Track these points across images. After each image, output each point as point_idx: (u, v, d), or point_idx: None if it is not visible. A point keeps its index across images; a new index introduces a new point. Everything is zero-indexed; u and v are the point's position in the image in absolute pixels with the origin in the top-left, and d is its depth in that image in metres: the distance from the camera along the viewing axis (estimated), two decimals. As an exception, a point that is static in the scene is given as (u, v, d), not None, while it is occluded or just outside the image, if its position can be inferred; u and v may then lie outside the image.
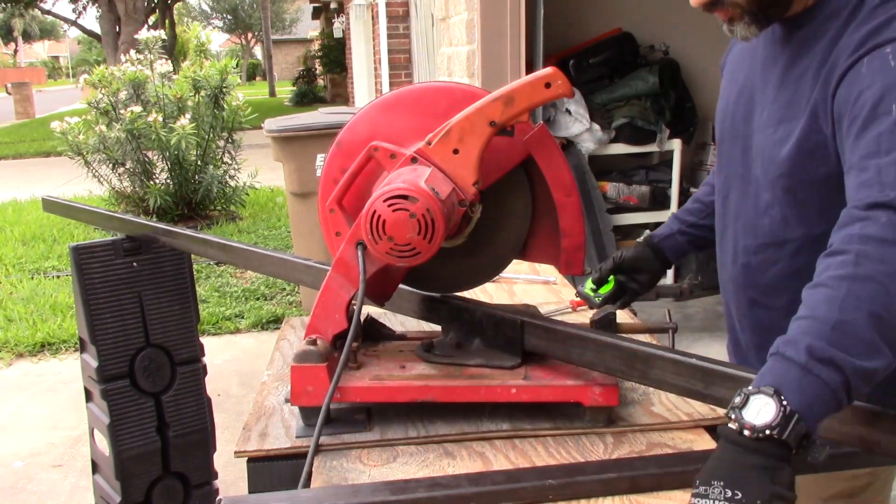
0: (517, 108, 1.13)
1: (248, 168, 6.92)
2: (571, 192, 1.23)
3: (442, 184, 1.13)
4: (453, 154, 1.15)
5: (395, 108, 1.25)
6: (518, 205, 1.27)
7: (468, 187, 1.16)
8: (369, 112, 1.26)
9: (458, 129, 1.14)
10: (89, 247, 1.80)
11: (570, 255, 1.26)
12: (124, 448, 1.86)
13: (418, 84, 1.29)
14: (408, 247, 1.11)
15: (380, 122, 1.24)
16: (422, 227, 1.09)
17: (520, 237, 1.29)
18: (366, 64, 10.21)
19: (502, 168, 1.22)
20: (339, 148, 1.26)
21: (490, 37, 3.84)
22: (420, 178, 1.11)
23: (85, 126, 6.68)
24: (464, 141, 1.14)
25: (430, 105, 1.21)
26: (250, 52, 48.69)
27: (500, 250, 1.30)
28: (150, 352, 1.88)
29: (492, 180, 1.22)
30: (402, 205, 1.09)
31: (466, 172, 1.15)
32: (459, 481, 1.03)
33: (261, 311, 4.78)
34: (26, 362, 4.29)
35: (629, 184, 4.90)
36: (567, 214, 1.23)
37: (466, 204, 1.16)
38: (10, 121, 20.52)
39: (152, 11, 21.80)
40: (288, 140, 4.24)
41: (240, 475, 1.27)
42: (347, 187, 1.20)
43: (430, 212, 1.09)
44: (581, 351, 1.16)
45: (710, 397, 1.02)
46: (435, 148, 1.15)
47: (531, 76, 1.13)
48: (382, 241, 1.11)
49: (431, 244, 1.10)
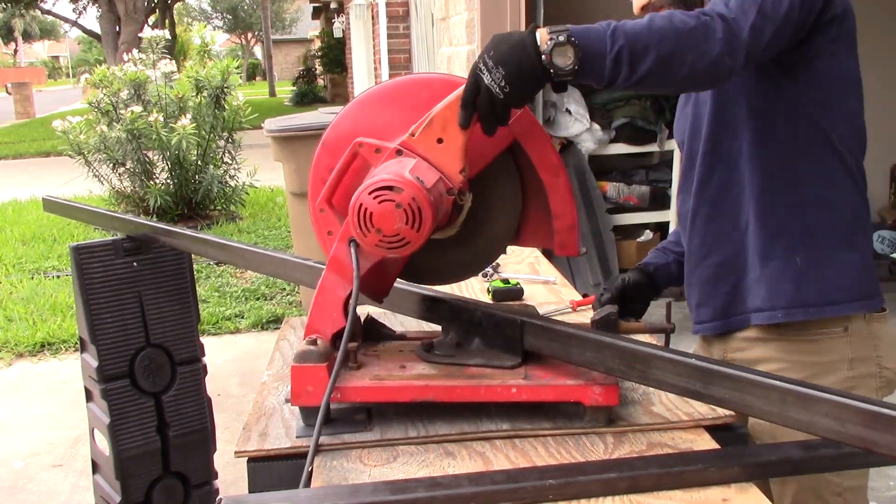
0: None
1: (247, 168, 6.93)
2: (559, 173, 1.22)
3: (427, 173, 1.13)
4: (437, 143, 1.15)
5: (377, 103, 1.25)
6: (508, 190, 1.27)
7: (455, 175, 1.16)
8: (351, 109, 1.26)
9: (440, 119, 1.14)
10: (89, 247, 1.80)
11: (564, 236, 1.25)
12: (124, 448, 1.86)
13: (398, 78, 1.30)
14: (397, 237, 1.11)
15: (362, 118, 1.25)
16: (409, 216, 1.09)
17: (512, 222, 1.29)
18: (366, 64, 10.21)
19: (489, 155, 1.22)
20: (324, 147, 1.27)
21: (490, 37, 3.84)
22: (404, 168, 1.12)
23: (86, 126, 6.68)
24: (447, 130, 1.14)
25: (410, 97, 1.22)
26: (250, 51, 48.68)
27: (495, 237, 1.29)
28: (150, 352, 1.88)
29: (479, 167, 1.22)
30: (388, 196, 1.09)
31: (452, 161, 1.15)
32: (459, 481, 1.03)
33: (261, 311, 4.78)
34: (26, 362, 4.29)
35: (629, 184, 4.90)
36: (556, 195, 1.23)
37: (455, 192, 1.16)
38: (10, 121, 20.53)
39: (152, 11, 21.82)
40: (288, 140, 4.24)
41: (240, 475, 1.27)
42: (335, 186, 1.21)
43: (415, 200, 1.09)
44: (581, 351, 1.16)
45: (709, 397, 1.02)
46: (419, 139, 1.15)
47: None
48: (371, 233, 1.11)
49: (420, 233, 1.11)
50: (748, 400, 0.98)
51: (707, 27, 1.10)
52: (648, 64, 1.08)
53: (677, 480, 1.03)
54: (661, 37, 1.08)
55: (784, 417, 0.95)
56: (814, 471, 1.26)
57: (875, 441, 0.88)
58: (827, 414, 0.91)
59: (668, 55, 1.08)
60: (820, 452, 1.07)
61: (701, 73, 1.11)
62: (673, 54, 1.09)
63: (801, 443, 1.09)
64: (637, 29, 1.09)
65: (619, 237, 4.73)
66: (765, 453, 1.12)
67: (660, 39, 1.08)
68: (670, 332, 1.33)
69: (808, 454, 1.08)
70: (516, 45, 1.07)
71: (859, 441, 0.89)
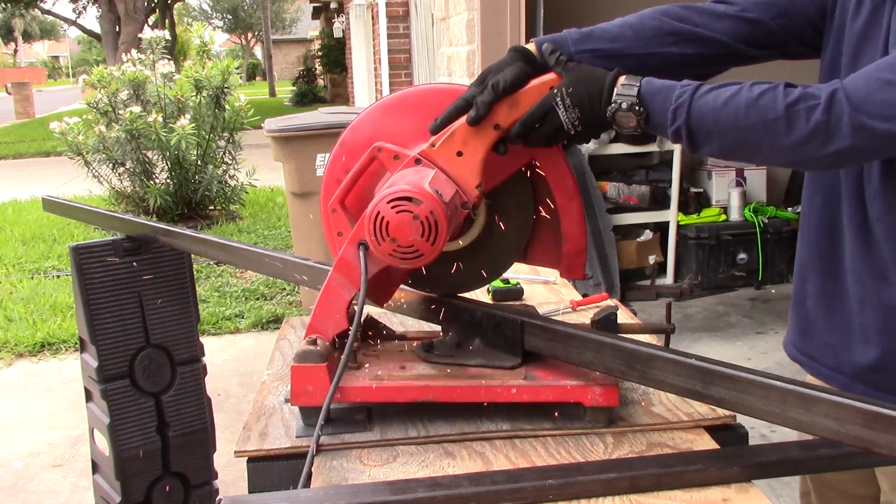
0: (521, 111, 1.12)
1: (247, 168, 6.93)
2: (574, 197, 1.23)
3: (445, 186, 1.13)
4: (457, 156, 1.15)
5: (399, 109, 1.24)
6: (520, 208, 1.27)
7: (471, 190, 1.16)
8: (373, 112, 1.26)
9: (462, 132, 1.14)
10: (89, 247, 1.80)
11: (571, 260, 1.26)
12: (124, 448, 1.86)
13: (422, 85, 1.29)
14: (411, 249, 1.11)
15: (383, 122, 1.24)
16: (425, 229, 1.09)
17: (521, 240, 1.29)
18: (366, 64, 10.22)
19: (505, 171, 1.22)
20: (342, 148, 1.26)
21: (490, 37, 3.84)
22: (424, 180, 1.11)
23: (85, 126, 6.68)
24: (468, 143, 1.14)
25: (434, 107, 1.20)
26: (250, 52, 48.69)
27: (501, 253, 1.30)
28: (150, 352, 1.88)
29: (495, 183, 1.22)
30: (406, 207, 1.09)
31: (470, 175, 1.15)
32: (459, 481, 1.03)
33: (261, 311, 4.78)
34: (26, 362, 4.29)
35: (629, 184, 4.91)
36: (569, 219, 1.23)
37: (469, 206, 1.16)
38: (10, 121, 20.53)
39: (152, 11, 21.81)
40: (288, 140, 4.24)
41: (240, 475, 1.27)
42: (350, 187, 1.20)
43: (433, 214, 1.08)
44: (581, 351, 1.16)
45: (709, 397, 1.02)
46: (439, 150, 1.15)
47: (536, 80, 1.13)
48: (385, 242, 1.11)
49: (434, 247, 1.10)
50: (748, 400, 0.98)
51: (795, 118, 0.97)
52: (710, 148, 1.04)
53: (677, 480, 1.03)
54: (727, 126, 1.01)
55: (784, 417, 0.95)
56: (814, 471, 1.26)
57: (875, 441, 0.88)
58: (827, 414, 0.91)
59: (732, 147, 1.04)
60: (820, 452, 1.07)
61: (784, 164, 1.05)
62: (737, 147, 1.04)
63: (800, 443, 1.09)
64: (704, 110, 1.02)
65: (618, 237, 4.73)
66: (765, 453, 1.12)
67: (724, 129, 1.01)
68: (670, 332, 1.33)
69: (808, 454, 1.08)
70: (594, 94, 1.09)
71: (859, 441, 0.89)
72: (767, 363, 3.84)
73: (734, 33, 1.20)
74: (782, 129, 0.98)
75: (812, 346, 1.31)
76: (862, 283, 1.18)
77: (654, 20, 1.22)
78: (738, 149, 1.05)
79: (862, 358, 1.20)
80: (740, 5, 1.21)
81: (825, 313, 1.26)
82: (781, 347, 1.42)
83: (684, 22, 1.21)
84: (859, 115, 0.94)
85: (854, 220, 1.17)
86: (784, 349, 1.40)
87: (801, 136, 0.97)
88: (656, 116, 1.06)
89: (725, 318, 4.56)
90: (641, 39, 1.21)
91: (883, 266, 1.14)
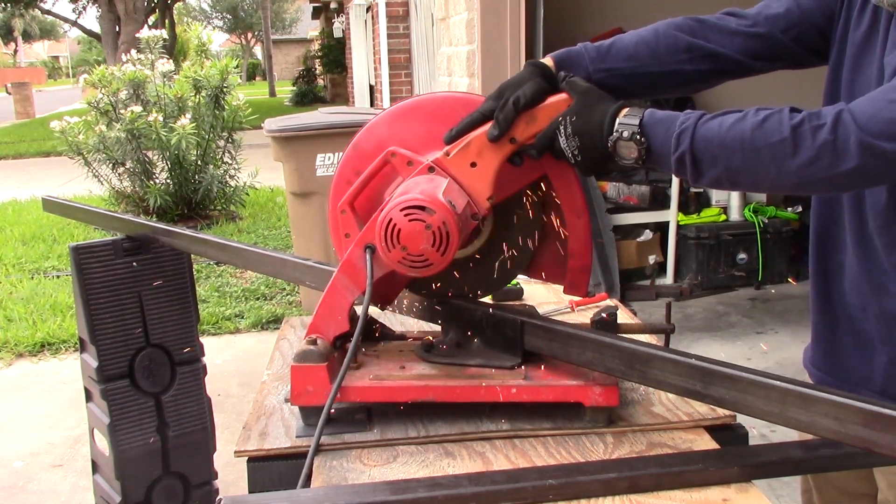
0: (538, 127, 1.13)
1: (248, 168, 6.93)
2: (582, 214, 1.23)
3: (458, 196, 1.13)
4: (471, 167, 1.15)
5: (414, 115, 1.24)
6: (527, 222, 1.27)
7: (482, 201, 1.16)
8: (387, 117, 1.26)
9: (477, 143, 1.14)
10: (89, 247, 1.80)
11: (575, 276, 1.26)
12: (124, 448, 1.86)
13: (439, 93, 1.29)
14: (420, 258, 1.11)
15: (397, 127, 1.24)
16: (436, 239, 1.09)
17: (526, 254, 1.29)
18: (366, 64, 10.22)
19: (516, 184, 1.22)
20: (354, 150, 1.26)
21: (490, 37, 3.84)
22: (437, 189, 1.11)
23: (85, 126, 6.68)
24: (482, 155, 1.14)
25: (449, 115, 1.20)
26: (250, 52, 48.69)
27: (505, 265, 1.30)
28: (150, 352, 1.88)
29: (505, 196, 1.22)
30: (419, 216, 1.09)
31: (482, 186, 1.15)
32: (459, 481, 1.03)
33: (261, 311, 4.78)
34: (26, 362, 4.29)
35: (629, 184, 4.91)
36: (576, 236, 1.23)
37: (479, 218, 1.16)
38: (10, 121, 20.54)
39: (152, 11, 21.81)
40: (288, 140, 4.24)
41: (240, 475, 1.27)
42: (361, 190, 1.20)
43: (445, 224, 1.08)
44: (581, 351, 1.16)
45: (709, 397, 1.02)
46: (453, 160, 1.15)
47: (555, 97, 1.13)
48: (395, 249, 1.11)
49: (444, 257, 1.10)
50: (748, 400, 0.98)
51: (802, 138, 0.96)
52: (715, 173, 1.02)
53: (677, 480, 1.03)
54: (733, 150, 1.00)
55: (784, 417, 0.95)
56: (814, 471, 1.26)
57: (875, 441, 0.88)
58: (827, 414, 0.91)
59: (738, 171, 1.01)
60: (820, 452, 1.07)
61: (792, 187, 1.02)
62: (742, 171, 1.01)
63: (800, 443, 1.09)
64: (709, 134, 1.01)
65: (618, 237, 4.73)
66: (765, 453, 1.12)
67: (730, 153, 1.00)
68: (670, 332, 1.33)
69: (808, 454, 1.08)
70: (596, 124, 1.08)
71: (859, 441, 0.89)
72: (767, 363, 3.84)
73: (746, 50, 1.22)
74: (789, 150, 0.97)
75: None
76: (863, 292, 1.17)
77: (669, 37, 1.24)
78: (744, 173, 1.01)
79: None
80: (751, 19, 1.23)
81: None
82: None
83: (697, 37, 1.23)
84: (865, 135, 0.93)
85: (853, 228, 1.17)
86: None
87: (808, 157, 0.96)
88: (658, 146, 1.05)
89: (725, 318, 4.56)
90: (657, 57, 1.23)
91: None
